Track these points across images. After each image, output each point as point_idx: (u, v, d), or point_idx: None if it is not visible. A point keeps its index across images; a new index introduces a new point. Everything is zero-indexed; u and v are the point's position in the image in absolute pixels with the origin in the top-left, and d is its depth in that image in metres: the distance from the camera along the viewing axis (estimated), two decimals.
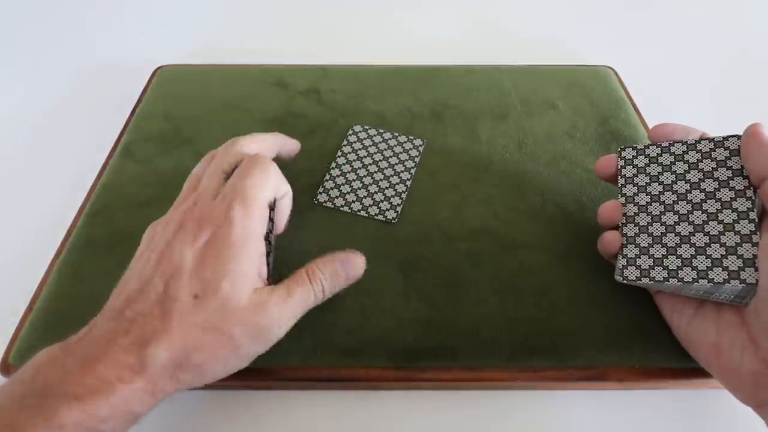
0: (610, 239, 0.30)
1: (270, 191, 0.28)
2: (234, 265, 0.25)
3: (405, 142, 0.39)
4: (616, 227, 0.31)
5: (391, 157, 0.39)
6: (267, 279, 0.27)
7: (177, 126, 0.43)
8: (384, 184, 0.37)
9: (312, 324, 0.31)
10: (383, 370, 0.30)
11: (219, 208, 0.26)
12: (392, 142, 0.39)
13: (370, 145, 0.40)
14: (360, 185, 0.37)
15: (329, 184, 0.38)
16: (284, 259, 0.31)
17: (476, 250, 0.35)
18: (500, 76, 0.49)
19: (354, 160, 0.39)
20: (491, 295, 0.32)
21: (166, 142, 0.42)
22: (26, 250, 0.37)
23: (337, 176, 0.38)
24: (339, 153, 0.40)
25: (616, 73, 0.49)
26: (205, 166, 0.30)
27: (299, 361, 0.30)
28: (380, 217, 0.36)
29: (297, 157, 0.36)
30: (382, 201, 0.36)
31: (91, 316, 0.25)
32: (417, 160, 0.38)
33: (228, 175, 0.29)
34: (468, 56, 0.52)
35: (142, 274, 0.25)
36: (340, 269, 0.29)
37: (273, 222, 0.29)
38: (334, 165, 0.39)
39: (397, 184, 0.36)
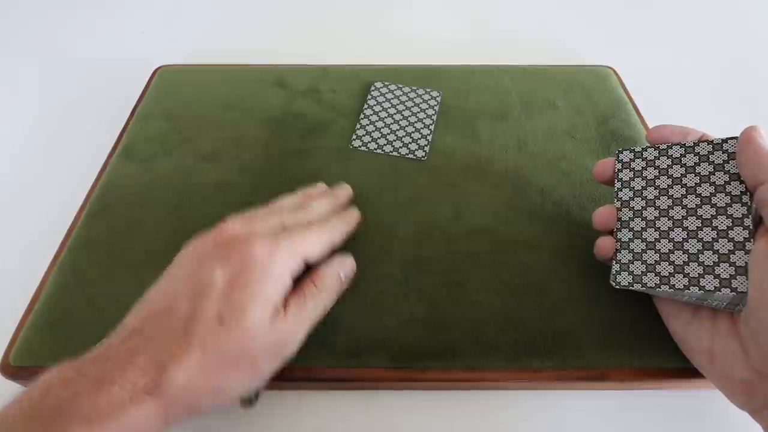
0: (603, 245, 0.30)
1: (315, 255, 0.29)
2: (262, 293, 0.25)
3: (423, 93, 0.45)
4: (611, 232, 0.31)
5: (413, 107, 0.45)
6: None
7: (177, 126, 0.43)
8: (410, 129, 0.43)
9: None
10: (383, 370, 0.30)
11: (264, 241, 0.26)
12: (412, 95, 0.45)
13: (392, 98, 0.45)
14: (389, 131, 0.43)
15: (361, 132, 0.42)
16: None
17: (476, 250, 0.35)
18: (500, 76, 0.49)
19: (380, 111, 0.44)
20: (491, 295, 0.32)
21: (166, 142, 0.42)
22: (26, 250, 0.37)
23: (367, 125, 0.43)
24: (365, 106, 0.45)
25: (616, 73, 0.49)
26: (269, 212, 0.30)
27: (299, 361, 0.30)
28: (411, 156, 0.41)
29: (297, 158, 0.36)
30: (410, 143, 0.42)
31: (90, 315, 0.25)
32: (436, 108, 0.44)
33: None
34: (468, 56, 0.52)
35: (169, 291, 0.25)
36: (341, 273, 0.30)
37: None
38: (362, 116, 0.44)
39: (422, 128, 0.42)
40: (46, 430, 0.20)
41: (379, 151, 0.41)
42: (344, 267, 0.30)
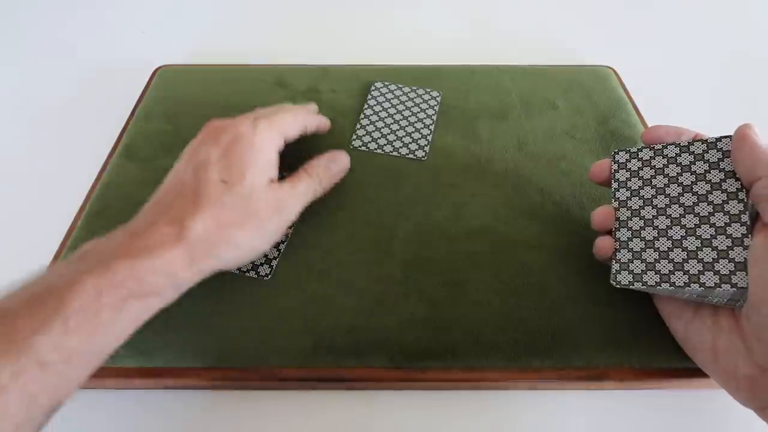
0: (602, 245, 0.30)
1: (292, 131, 0.34)
2: (255, 161, 0.29)
3: (423, 93, 0.46)
4: (610, 231, 0.31)
5: (413, 107, 0.45)
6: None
7: (177, 126, 0.43)
8: (410, 129, 0.43)
9: (312, 324, 0.31)
10: (383, 370, 0.30)
11: (246, 122, 0.31)
12: (412, 95, 0.46)
13: (392, 98, 0.46)
14: (389, 131, 0.43)
15: (361, 132, 0.43)
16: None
17: (476, 250, 0.35)
18: (500, 76, 0.49)
19: (380, 111, 0.44)
20: (491, 295, 0.32)
21: (166, 142, 0.42)
22: (26, 250, 0.37)
23: (367, 125, 0.43)
24: (365, 106, 0.45)
25: (616, 73, 0.49)
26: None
27: (299, 361, 0.30)
28: (411, 156, 0.41)
29: (299, 156, 0.36)
30: (410, 143, 0.42)
31: None
32: (436, 108, 0.45)
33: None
34: (468, 56, 0.52)
35: (175, 179, 0.29)
36: (331, 166, 0.34)
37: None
38: (362, 116, 0.44)
39: (422, 128, 0.43)
40: (93, 264, 0.23)
41: (379, 151, 0.41)
42: (334, 161, 0.35)
